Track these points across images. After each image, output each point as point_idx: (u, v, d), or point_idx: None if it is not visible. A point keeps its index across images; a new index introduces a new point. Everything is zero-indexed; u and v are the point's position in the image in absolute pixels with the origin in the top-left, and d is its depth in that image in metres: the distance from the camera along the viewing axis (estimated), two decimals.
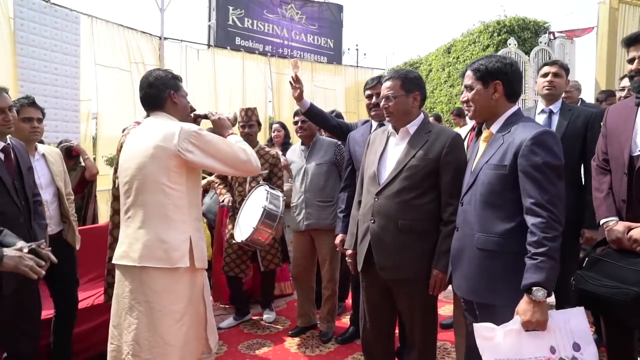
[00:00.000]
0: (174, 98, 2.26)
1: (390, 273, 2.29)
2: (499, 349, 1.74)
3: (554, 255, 1.71)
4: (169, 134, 2.07)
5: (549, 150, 1.79)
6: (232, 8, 10.92)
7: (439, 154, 2.23)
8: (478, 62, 2.01)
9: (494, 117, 2.00)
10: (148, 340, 2.04)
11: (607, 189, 2.34)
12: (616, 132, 2.31)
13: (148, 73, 2.32)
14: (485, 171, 1.91)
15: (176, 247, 2.07)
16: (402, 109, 2.32)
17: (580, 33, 9.56)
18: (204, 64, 9.51)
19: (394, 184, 2.25)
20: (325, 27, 12.34)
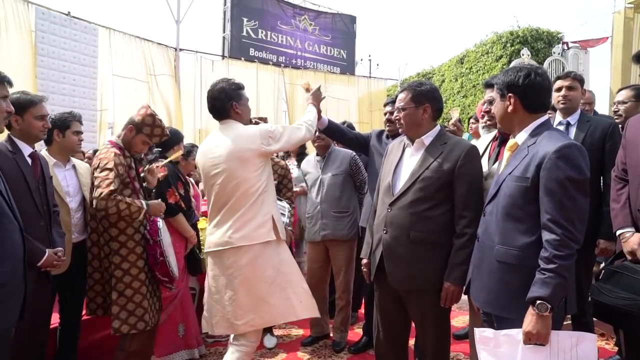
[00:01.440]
0: (237, 109, 2.62)
1: (401, 284, 2.29)
2: (497, 356, 1.75)
3: (564, 273, 1.69)
4: (248, 138, 2.52)
5: (573, 164, 1.75)
6: (247, 19, 11.07)
7: (453, 165, 2.22)
8: (499, 76, 2.03)
9: (516, 128, 1.97)
10: (250, 304, 2.48)
11: (624, 199, 2.35)
12: (635, 143, 2.33)
13: (213, 85, 2.67)
14: (508, 183, 1.88)
15: (262, 225, 2.51)
16: (412, 121, 2.34)
17: (594, 43, 9.52)
18: (218, 74, 9.62)
19: (408, 195, 2.26)
20: (338, 38, 12.43)
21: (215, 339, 3.74)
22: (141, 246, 2.65)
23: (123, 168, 2.61)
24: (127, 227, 2.61)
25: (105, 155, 2.60)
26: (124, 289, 2.58)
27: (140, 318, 2.59)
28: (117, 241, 2.61)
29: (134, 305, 2.58)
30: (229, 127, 2.60)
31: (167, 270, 2.67)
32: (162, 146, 3.33)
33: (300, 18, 11.87)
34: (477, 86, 10.20)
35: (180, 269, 3.21)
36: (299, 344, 3.73)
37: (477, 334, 1.82)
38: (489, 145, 2.51)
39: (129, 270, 2.60)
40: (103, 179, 2.48)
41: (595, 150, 2.87)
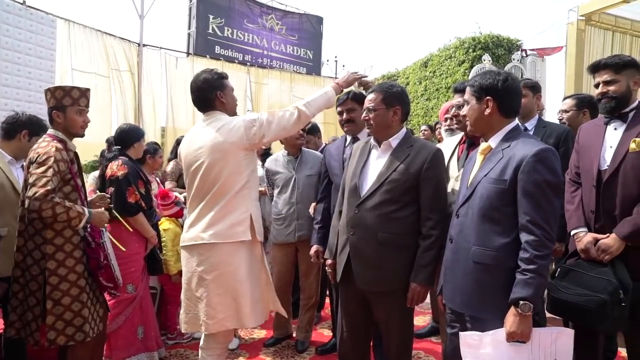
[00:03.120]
0: (221, 98, 2.56)
1: (368, 285, 2.29)
2: (481, 358, 1.79)
3: (543, 273, 1.76)
4: (234, 129, 2.43)
5: (550, 168, 1.81)
6: (213, 17, 10.93)
7: (419, 168, 2.24)
8: (474, 79, 2.05)
9: (490, 131, 2.02)
10: (221, 304, 2.43)
11: (578, 201, 2.46)
12: (587, 148, 2.46)
13: (196, 76, 2.61)
14: (485, 185, 1.90)
15: (239, 223, 2.44)
16: (382, 122, 2.34)
17: (550, 51, 9.88)
18: (182, 71, 9.47)
19: (375, 197, 2.26)
20: (305, 38, 12.44)
21: (176, 340, 3.68)
22: (80, 249, 2.41)
23: (65, 164, 2.36)
24: (64, 229, 2.35)
25: (44, 149, 2.33)
26: (61, 296, 2.32)
27: (78, 328, 2.36)
28: (52, 244, 2.33)
29: (72, 314, 2.34)
30: (213, 118, 2.54)
31: (112, 274, 2.49)
32: (121, 144, 3.25)
33: (267, 17, 11.82)
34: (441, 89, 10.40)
35: (140, 269, 3.14)
36: (262, 345, 3.70)
37: (462, 338, 1.84)
38: (456, 147, 2.56)
39: (66, 277, 2.35)
40: (39, 176, 2.23)
41: None
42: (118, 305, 3.03)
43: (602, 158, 2.35)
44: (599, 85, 2.38)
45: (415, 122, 11.23)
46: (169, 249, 3.51)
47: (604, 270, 2.19)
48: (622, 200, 2.24)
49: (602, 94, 2.36)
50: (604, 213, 2.31)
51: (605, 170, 2.31)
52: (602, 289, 2.10)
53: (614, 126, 2.38)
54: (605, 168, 2.32)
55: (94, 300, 2.50)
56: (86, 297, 2.41)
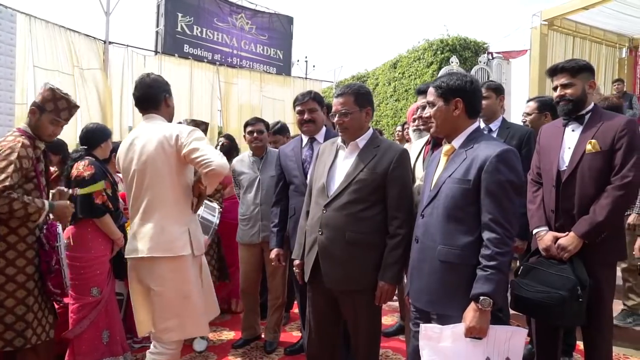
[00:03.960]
0: (168, 101, 2.51)
1: (337, 284, 2.30)
2: (438, 351, 1.83)
3: (504, 269, 1.81)
4: (172, 134, 2.30)
5: (512, 168, 1.86)
6: (181, 15, 10.77)
7: (386, 168, 2.27)
8: (440, 80, 2.06)
9: (455, 132, 2.04)
10: (163, 317, 2.35)
11: (539, 201, 2.54)
12: (547, 149, 2.54)
13: (145, 75, 2.51)
14: (449, 185, 1.94)
15: (178, 238, 2.34)
16: (357, 125, 2.35)
17: (515, 55, 10.15)
18: (150, 70, 9.22)
19: (343, 197, 2.28)
20: (275, 38, 12.40)
21: (143, 344, 3.62)
22: (34, 250, 2.34)
23: (29, 161, 2.32)
24: (20, 227, 2.29)
25: (9, 143, 2.28)
26: (5, 298, 2.24)
27: (19, 334, 2.26)
28: (4, 241, 2.27)
29: (13, 317, 2.25)
30: (153, 121, 2.45)
31: (62, 280, 2.41)
32: (87, 144, 3.17)
33: (237, 16, 11.73)
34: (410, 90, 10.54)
35: (105, 272, 3.07)
36: (230, 346, 3.67)
37: (423, 329, 1.88)
38: (422, 149, 2.60)
39: (14, 277, 2.26)
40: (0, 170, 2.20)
41: None
42: (82, 309, 2.95)
43: (561, 159, 2.44)
44: (557, 88, 2.47)
45: (384, 122, 11.35)
46: None
47: (563, 267, 2.28)
48: (580, 200, 2.33)
49: (560, 97, 2.45)
50: (563, 212, 2.39)
51: (564, 170, 2.40)
52: (562, 286, 2.19)
53: (571, 128, 2.47)
54: (564, 169, 2.41)
55: (43, 305, 2.42)
56: (33, 300, 2.33)
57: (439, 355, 1.82)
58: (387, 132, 10.59)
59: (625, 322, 3.61)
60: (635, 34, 9.18)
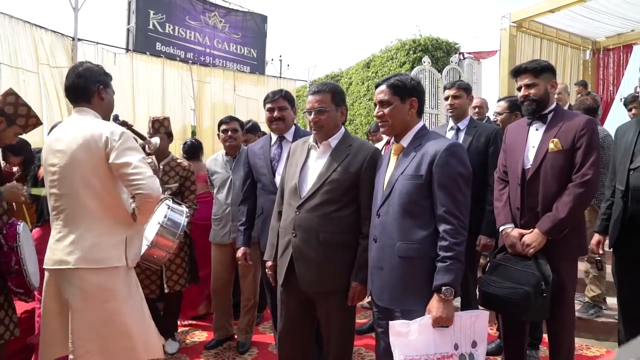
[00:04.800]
0: (102, 93, 2.26)
1: (312, 285, 2.29)
2: (409, 346, 1.87)
3: (461, 258, 1.89)
4: (102, 134, 2.07)
5: (460, 161, 1.96)
6: (153, 12, 10.60)
7: (359, 168, 2.26)
8: (395, 79, 2.09)
9: (405, 131, 2.11)
10: (84, 339, 2.08)
11: (505, 198, 2.61)
12: (512, 148, 2.61)
13: (78, 64, 2.30)
14: (402, 182, 1.99)
15: (111, 248, 2.11)
16: (332, 123, 2.34)
17: (485, 55, 10.36)
18: (121, 68, 9.11)
19: (315, 198, 2.26)
20: (248, 37, 12.32)
21: None
22: None
23: None
24: None
25: None
26: None
27: None
28: None
29: None
30: (83, 114, 2.20)
31: (24, 280, 2.32)
32: None
33: (210, 14, 11.60)
34: None
35: None
36: (203, 347, 3.65)
37: (392, 327, 1.91)
38: (382, 149, 2.65)
39: None
40: None
41: (481, 153, 3.13)
42: None
43: (526, 157, 2.51)
44: (521, 88, 2.54)
45: (358, 122, 11.42)
46: None
47: (528, 263, 2.35)
48: (543, 197, 2.41)
49: (524, 97, 2.52)
50: (527, 209, 2.47)
51: (528, 169, 2.47)
52: (527, 282, 2.26)
53: (535, 127, 2.54)
54: (528, 167, 2.48)
55: (6, 305, 2.36)
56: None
57: (410, 350, 1.86)
58: (360, 132, 10.66)
59: (588, 314, 3.75)
60: (597, 37, 9.49)
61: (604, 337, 3.62)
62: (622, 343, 2.82)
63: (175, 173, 3.55)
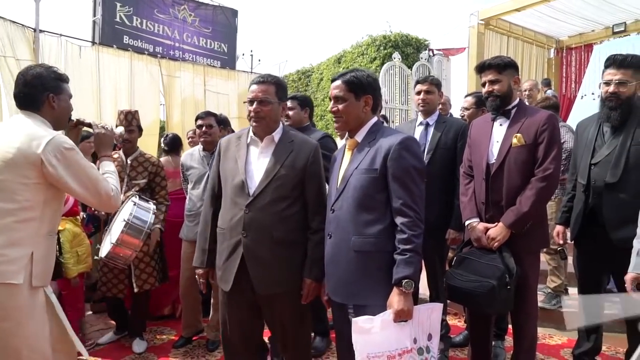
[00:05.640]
0: (53, 102, 2.05)
1: (269, 287, 2.18)
2: (372, 343, 1.86)
3: (419, 251, 1.90)
4: (36, 140, 1.88)
5: (414, 154, 1.96)
6: (120, 4, 10.34)
7: (304, 163, 2.21)
8: (351, 75, 2.05)
9: (359, 127, 2.09)
10: None
11: (471, 193, 2.65)
12: (477, 143, 2.65)
13: (26, 69, 2.09)
14: (357, 176, 1.98)
15: (12, 262, 1.86)
16: (274, 117, 2.24)
17: (454, 52, 10.54)
18: (86, 61, 8.86)
19: (266, 195, 2.16)
20: (219, 31, 12.18)
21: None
22: None
23: None
24: None
25: None
26: None
27: None
28: None
29: None
30: (27, 118, 2.00)
31: None
32: None
33: (179, 8, 11.41)
34: None
35: None
36: (171, 346, 3.60)
37: (354, 324, 1.90)
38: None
39: None
40: None
41: (449, 148, 3.17)
42: None
43: (490, 152, 2.55)
44: (485, 84, 2.58)
45: (329, 117, 11.44)
46: (67, 251, 3.30)
47: (493, 257, 2.40)
48: (507, 192, 2.46)
49: (488, 93, 2.56)
50: (492, 204, 2.51)
51: (492, 163, 2.52)
52: (491, 275, 2.31)
53: (499, 122, 2.59)
54: (492, 161, 2.52)
55: None
56: None
57: (372, 347, 1.85)
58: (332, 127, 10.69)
59: (551, 304, 3.87)
60: (561, 36, 9.77)
61: (565, 326, 3.74)
62: (581, 331, 2.92)
63: (143, 168, 3.48)
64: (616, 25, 8.60)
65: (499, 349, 3.30)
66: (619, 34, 8.61)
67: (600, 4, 7.90)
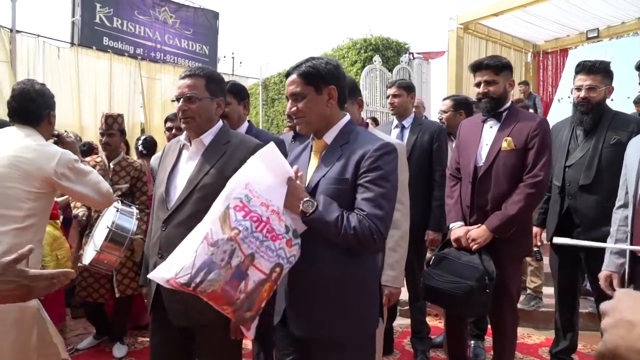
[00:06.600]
0: (51, 118, 2.21)
1: (183, 319, 1.83)
2: (258, 179, 1.53)
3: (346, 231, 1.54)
4: (49, 155, 2.02)
5: (388, 163, 1.61)
6: (100, 5, 10.22)
7: (236, 169, 1.73)
8: (306, 65, 1.66)
9: (327, 126, 1.69)
10: None
11: (457, 196, 2.62)
12: (466, 145, 2.61)
13: (29, 85, 2.18)
14: (324, 186, 1.60)
15: None
16: (205, 115, 1.91)
17: (434, 55, 10.66)
18: (65, 63, 8.73)
19: (185, 209, 1.81)
20: (200, 33, 12.11)
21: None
22: None
23: None
24: None
25: None
26: None
27: None
28: None
29: None
30: (27, 134, 2.06)
31: None
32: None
33: (160, 9, 11.32)
34: None
35: None
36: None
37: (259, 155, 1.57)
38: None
39: None
40: None
41: (425, 150, 3.20)
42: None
43: (479, 155, 2.50)
44: (480, 84, 2.49)
45: None
46: (46, 254, 3.25)
47: (472, 257, 2.37)
48: (494, 196, 2.42)
49: (483, 94, 2.48)
50: (477, 208, 2.48)
51: (480, 167, 2.47)
52: (470, 276, 2.28)
53: (490, 124, 2.53)
54: (480, 165, 2.48)
55: None
56: None
57: (256, 182, 1.51)
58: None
59: (530, 305, 3.96)
60: (537, 41, 9.98)
61: (543, 325, 3.83)
62: (558, 330, 3.00)
63: (126, 173, 3.44)
64: (590, 30, 8.83)
65: (479, 349, 3.35)
66: (592, 39, 8.84)
67: (575, 11, 8.10)
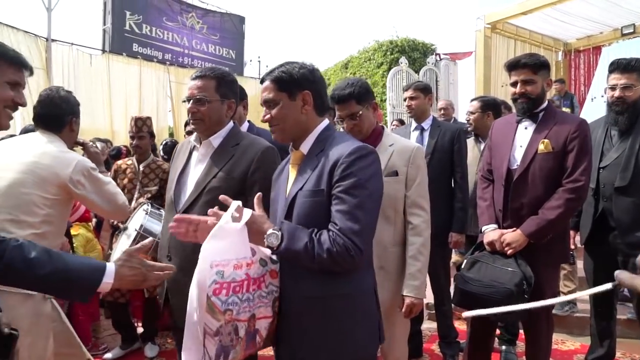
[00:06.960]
0: (74, 125, 2.20)
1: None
2: (218, 250, 1.42)
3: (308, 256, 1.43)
4: (66, 161, 1.98)
5: (363, 169, 1.45)
6: (130, 13, 10.48)
7: (245, 171, 1.83)
8: (279, 71, 1.57)
9: (303, 135, 1.59)
10: None
11: (490, 198, 2.51)
12: (498, 146, 2.50)
13: (54, 91, 2.20)
14: (301, 200, 1.50)
15: None
16: (215, 117, 1.90)
17: (461, 56, 10.55)
18: (97, 70, 9.00)
19: (193, 212, 1.78)
20: (227, 38, 12.29)
21: (92, 352, 3.52)
22: None
23: None
24: None
25: None
26: None
27: None
28: None
29: None
30: (49, 140, 2.06)
31: None
32: None
33: (187, 15, 11.54)
34: None
35: None
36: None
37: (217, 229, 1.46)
38: None
39: None
40: None
41: (446, 152, 3.16)
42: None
43: (512, 157, 2.39)
44: (516, 83, 2.36)
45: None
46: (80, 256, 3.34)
47: (508, 261, 2.27)
48: (529, 200, 2.30)
49: (520, 94, 2.35)
50: (511, 212, 2.36)
51: (515, 169, 2.36)
52: (508, 280, 2.18)
53: (524, 125, 2.41)
54: (515, 167, 2.37)
55: None
56: None
57: (217, 253, 1.40)
58: None
59: (563, 310, 3.85)
60: (568, 39, 9.74)
61: (578, 331, 3.72)
62: (594, 337, 2.90)
63: (155, 175, 3.49)
64: (625, 27, 8.55)
65: (510, 354, 3.28)
66: (628, 35, 8.56)
67: (608, 6, 7.87)
